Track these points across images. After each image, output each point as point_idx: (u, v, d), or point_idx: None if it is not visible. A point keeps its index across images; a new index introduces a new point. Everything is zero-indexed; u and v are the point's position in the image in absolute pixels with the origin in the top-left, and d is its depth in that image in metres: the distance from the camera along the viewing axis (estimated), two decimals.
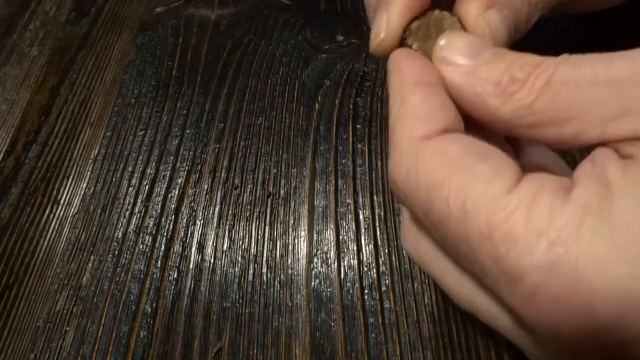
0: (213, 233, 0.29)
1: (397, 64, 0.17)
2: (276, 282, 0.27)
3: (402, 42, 0.19)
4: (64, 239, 0.30)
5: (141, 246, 0.29)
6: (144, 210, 0.31)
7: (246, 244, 0.28)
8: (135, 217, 0.30)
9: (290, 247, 0.28)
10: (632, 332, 0.11)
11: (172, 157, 0.33)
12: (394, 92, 0.17)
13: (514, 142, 0.18)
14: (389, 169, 0.16)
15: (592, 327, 0.11)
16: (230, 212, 0.30)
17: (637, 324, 0.11)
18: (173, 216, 0.30)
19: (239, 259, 0.28)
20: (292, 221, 0.29)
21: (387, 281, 0.26)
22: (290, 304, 0.26)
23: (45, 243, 0.30)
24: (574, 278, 0.11)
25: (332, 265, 0.27)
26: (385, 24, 0.18)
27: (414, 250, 0.17)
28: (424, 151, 0.14)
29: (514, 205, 0.12)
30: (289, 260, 0.27)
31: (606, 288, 0.11)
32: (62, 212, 0.32)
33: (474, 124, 0.18)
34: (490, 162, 0.14)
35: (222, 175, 0.31)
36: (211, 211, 0.30)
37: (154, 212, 0.30)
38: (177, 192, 0.31)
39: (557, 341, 0.12)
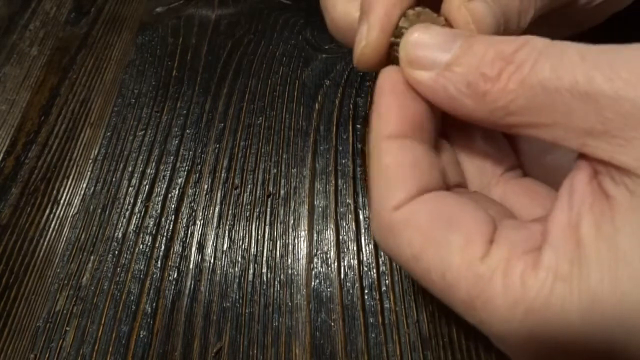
0: (213, 233, 0.29)
1: (376, 105, 0.17)
2: (276, 282, 0.27)
3: (391, 54, 0.17)
4: (64, 239, 0.30)
5: (141, 246, 0.29)
6: (144, 210, 0.31)
7: (246, 244, 0.28)
8: (135, 217, 0.30)
9: (290, 247, 0.28)
10: None
11: (172, 157, 0.33)
12: (371, 142, 0.16)
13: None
14: (372, 231, 0.16)
15: None
16: (230, 212, 0.30)
17: None
18: (173, 216, 0.30)
19: (239, 259, 0.28)
20: (292, 221, 0.29)
21: (387, 281, 0.26)
22: (290, 304, 0.26)
23: (45, 243, 0.30)
24: (551, 344, 0.12)
25: (332, 265, 0.27)
26: (366, 32, 0.17)
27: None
28: (397, 223, 0.15)
29: (488, 275, 0.13)
30: (289, 260, 0.27)
31: (580, 352, 0.12)
32: (62, 212, 0.32)
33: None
34: (461, 229, 0.14)
35: (222, 175, 0.31)
36: (211, 211, 0.30)
37: (154, 212, 0.30)
38: (177, 192, 0.31)
39: None
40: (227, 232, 0.29)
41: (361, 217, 0.28)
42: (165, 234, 0.29)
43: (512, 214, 0.16)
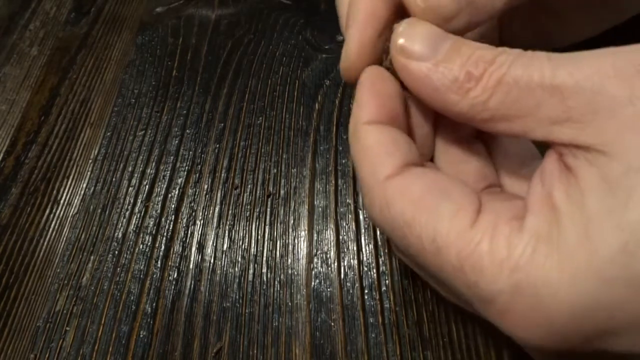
0: (213, 233, 0.29)
1: (357, 97, 0.18)
2: (276, 282, 0.27)
3: (382, 63, 0.18)
4: (64, 239, 0.30)
5: (141, 246, 0.29)
6: (144, 210, 0.31)
7: (246, 244, 0.28)
8: (135, 217, 0.30)
9: (290, 247, 0.28)
10: (587, 333, 0.13)
11: (172, 157, 0.33)
12: (351, 130, 0.18)
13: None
14: (365, 207, 0.17)
15: (553, 335, 0.14)
16: (230, 212, 0.30)
17: (589, 328, 0.13)
18: (173, 216, 0.30)
19: (239, 259, 0.28)
20: (292, 221, 0.29)
21: (387, 281, 0.26)
22: (290, 304, 0.26)
23: (45, 243, 0.30)
24: (534, 298, 0.13)
25: (332, 265, 0.27)
26: (350, 43, 0.18)
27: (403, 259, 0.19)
28: (391, 191, 0.16)
29: (477, 239, 0.14)
30: (289, 260, 0.27)
31: (559, 307, 0.13)
32: (62, 212, 0.32)
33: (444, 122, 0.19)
34: (452, 198, 0.15)
35: (222, 175, 0.31)
36: (211, 211, 0.30)
37: (154, 212, 0.30)
38: (177, 192, 0.31)
39: (529, 346, 0.15)
40: (227, 232, 0.29)
41: (361, 217, 0.28)
42: (165, 234, 0.29)
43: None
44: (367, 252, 0.27)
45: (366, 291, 0.26)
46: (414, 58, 0.16)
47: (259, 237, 0.29)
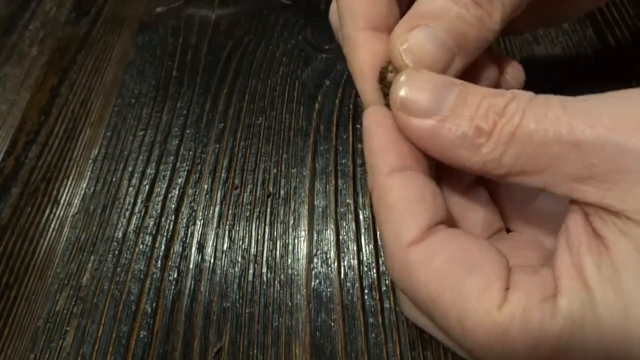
0: (213, 233, 0.29)
1: (367, 144, 0.16)
2: (276, 282, 0.27)
3: (380, 89, 0.17)
4: (64, 239, 0.30)
5: (141, 246, 0.29)
6: (144, 210, 0.31)
7: (246, 244, 0.28)
8: (135, 217, 0.30)
9: (290, 247, 0.28)
10: None
11: (172, 157, 0.33)
12: (370, 178, 0.16)
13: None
14: (387, 268, 0.16)
15: None
16: (230, 212, 0.30)
17: None
18: (173, 216, 0.30)
19: (239, 259, 0.28)
20: (292, 221, 0.29)
21: (387, 281, 0.26)
22: (290, 304, 0.26)
23: (45, 243, 0.30)
24: None
25: (332, 265, 0.27)
26: (361, 93, 0.18)
27: (414, 318, 0.18)
28: (414, 261, 0.15)
29: (507, 321, 0.13)
30: (289, 260, 0.27)
31: None
32: (62, 212, 0.32)
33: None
34: (479, 273, 0.14)
35: (222, 175, 0.31)
36: (211, 211, 0.30)
37: (154, 212, 0.30)
38: (177, 192, 0.31)
39: None
40: (227, 232, 0.29)
41: (361, 217, 0.28)
42: (165, 234, 0.29)
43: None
44: (367, 252, 0.27)
45: (366, 291, 0.26)
46: (418, 115, 0.15)
47: (259, 237, 0.29)
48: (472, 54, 0.17)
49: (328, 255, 0.27)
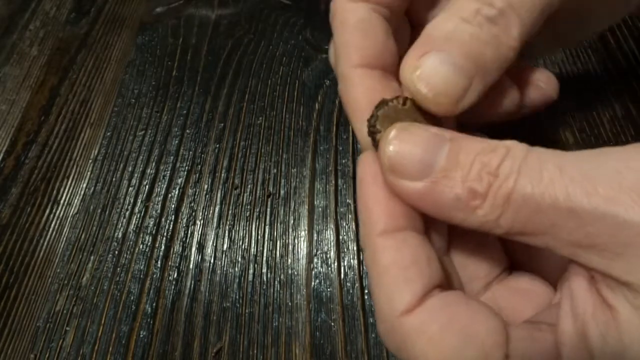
0: (213, 233, 0.29)
1: (362, 197, 0.16)
2: (276, 282, 0.27)
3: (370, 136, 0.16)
4: (64, 239, 0.30)
5: (141, 246, 0.29)
6: (144, 210, 0.31)
7: (246, 244, 0.28)
8: (135, 217, 0.30)
9: (290, 247, 0.28)
10: None
11: (172, 157, 0.33)
12: (363, 234, 0.16)
13: None
14: (380, 333, 0.15)
15: None
16: (230, 212, 0.30)
17: None
18: (173, 216, 0.30)
19: (239, 259, 0.28)
20: (292, 221, 0.29)
21: None
22: (290, 304, 0.26)
23: (45, 243, 0.30)
24: None
25: (332, 265, 0.27)
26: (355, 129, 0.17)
27: None
28: (409, 329, 0.14)
29: None
30: (289, 260, 0.27)
31: None
32: (62, 212, 0.32)
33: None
34: (477, 341, 0.13)
35: (222, 175, 0.31)
36: (211, 211, 0.30)
37: (154, 212, 0.30)
38: (177, 192, 0.31)
39: None
40: (227, 232, 0.29)
41: None
42: (165, 234, 0.29)
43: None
44: None
45: (366, 291, 0.26)
46: (408, 178, 0.14)
47: (259, 237, 0.28)
48: (492, 75, 0.16)
49: (328, 255, 0.27)
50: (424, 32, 0.16)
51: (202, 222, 0.30)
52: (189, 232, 0.29)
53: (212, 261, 0.28)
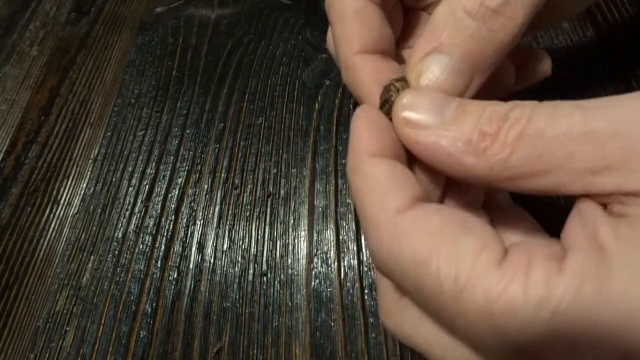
0: (213, 233, 0.29)
1: (355, 132, 0.16)
2: (276, 282, 0.27)
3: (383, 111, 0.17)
4: (64, 239, 0.30)
5: (141, 246, 0.29)
6: (144, 210, 0.31)
7: (246, 244, 0.28)
8: (135, 217, 0.30)
9: (290, 247, 0.28)
10: None
11: (172, 157, 0.33)
12: (352, 164, 0.16)
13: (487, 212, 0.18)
14: (369, 248, 0.15)
15: None
16: (230, 212, 0.30)
17: None
18: (173, 216, 0.30)
19: (239, 259, 0.28)
20: (292, 221, 0.29)
21: None
22: (290, 304, 0.26)
23: (45, 243, 0.30)
24: (578, 344, 0.11)
25: (332, 265, 0.27)
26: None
27: (398, 327, 0.16)
28: (403, 225, 0.14)
29: (509, 276, 0.12)
30: (289, 260, 0.27)
31: (608, 353, 0.11)
32: (62, 212, 0.32)
33: (451, 189, 0.18)
34: (475, 234, 0.13)
35: (222, 175, 0.31)
36: (211, 211, 0.30)
37: (154, 212, 0.30)
38: (177, 192, 0.31)
39: None
40: (227, 232, 0.29)
41: None
42: (165, 234, 0.29)
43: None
44: (367, 252, 0.27)
45: (366, 291, 0.26)
46: (421, 128, 0.15)
47: (259, 237, 0.29)
48: (492, 67, 0.17)
49: (328, 255, 0.27)
50: (428, 26, 0.17)
51: (202, 222, 0.30)
52: (189, 232, 0.29)
53: (212, 261, 0.28)
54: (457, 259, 0.13)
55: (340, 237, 0.28)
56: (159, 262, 0.28)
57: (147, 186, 0.32)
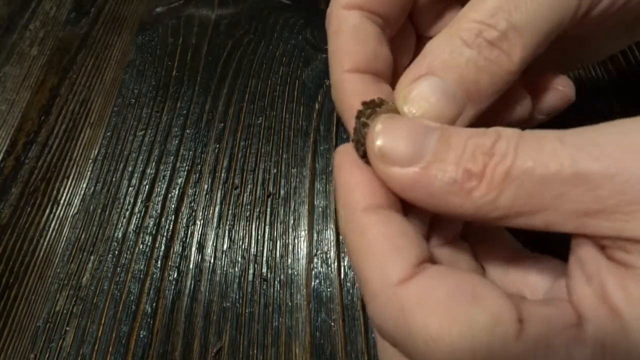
0: (213, 233, 0.29)
1: (341, 182, 0.15)
2: (276, 282, 0.27)
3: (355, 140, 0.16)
4: (64, 239, 0.30)
5: (141, 246, 0.29)
6: (144, 210, 0.31)
7: (246, 244, 0.28)
8: (135, 217, 0.30)
9: (290, 247, 0.28)
10: None
11: (172, 157, 0.33)
12: (345, 219, 0.15)
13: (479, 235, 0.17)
14: (370, 316, 0.14)
15: None
16: (230, 212, 0.30)
17: None
18: (173, 216, 0.30)
19: (239, 259, 0.28)
20: (292, 221, 0.29)
21: None
22: (290, 304, 0.26)
23: (45, 243, 0.30)
24: None
25: (332, 265, 0.27)
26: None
27: None
28: (408, 300, 0.13)
29: (530, 353, 0.12)
30: (289, 260, 0.27)
31: None
32: (62, 212, 0.32)
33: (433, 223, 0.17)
34: (486, 306, 0.12)
35: (222, 175, 0.31)
36: (211, 211, 0.30)
37: (154, 212, 0.30)
38: (177, 192, 0.31)
39: None
40: (227, 232, 0.29)
41: None
42: (165, 234, 0.29)
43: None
44: None
45: None
46: (398, 165, 0.14)
47: (259, 237, 0.28)
48: (487, 101, 0.16)
49: (328, 255, 0.27)
50: (424, 50, 0.16)
51: (202, 222, 0.30)
52: (189, 232, 0.29)
53: (212, 261, 0.28)
54: (472, 338, 0.12)
55: (341, 237, 0.28)
56: (159, 262, 0.28)
57: (147, 186, 0.32)
